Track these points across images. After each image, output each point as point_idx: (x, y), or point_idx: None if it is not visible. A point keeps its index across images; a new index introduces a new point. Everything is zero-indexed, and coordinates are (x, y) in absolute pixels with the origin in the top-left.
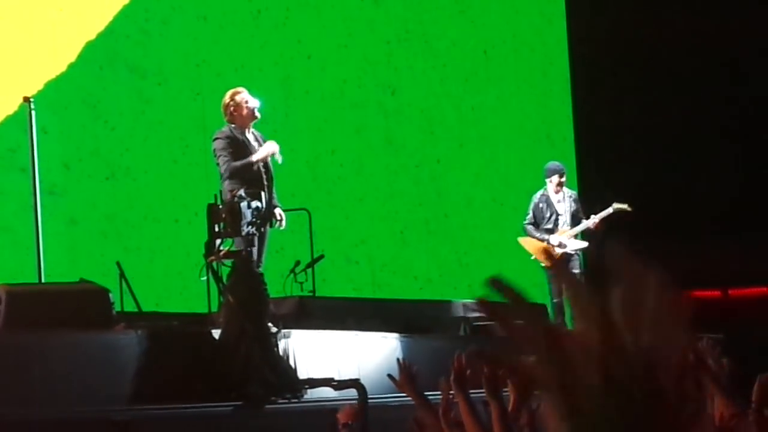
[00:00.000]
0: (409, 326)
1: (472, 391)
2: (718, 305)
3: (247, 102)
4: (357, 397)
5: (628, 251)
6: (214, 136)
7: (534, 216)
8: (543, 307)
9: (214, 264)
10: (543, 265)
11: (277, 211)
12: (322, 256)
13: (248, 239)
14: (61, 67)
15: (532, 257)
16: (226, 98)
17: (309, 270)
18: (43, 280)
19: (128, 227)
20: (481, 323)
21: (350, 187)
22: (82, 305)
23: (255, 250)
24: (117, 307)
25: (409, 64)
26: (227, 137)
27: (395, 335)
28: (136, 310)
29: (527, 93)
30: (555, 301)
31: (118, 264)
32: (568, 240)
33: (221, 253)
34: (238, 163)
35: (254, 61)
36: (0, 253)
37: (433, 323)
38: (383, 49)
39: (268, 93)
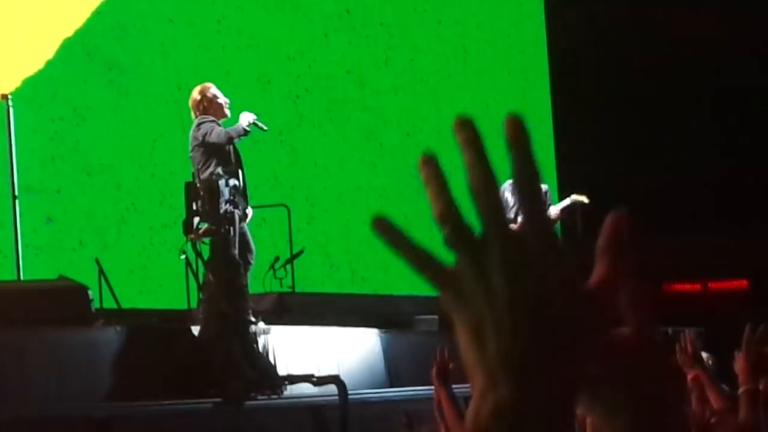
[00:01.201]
0: (389, 322)
1: (455, 385)
2: (697, 298)
3: (217, 97)
4: (337, 393)
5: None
6: (199, 122)
7: None
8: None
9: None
10: None
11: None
12: (301, 252)
13: (227, 217)
14: (38, 64)
15: None
16: (195, 94)
17: (288, 266)
18: (21, 278)
19: (107, 224)
20: None
21: (329, 182)
22: (61, 302)
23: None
24: (96, 304)
25: (388, 61)
26: (212, 121)
27: (375, 331)
28: (115, 307)
29: (505, 88)
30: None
31: (96, 261)
32: None
33: (200, 231)
34: (222, 133)
35: (232, 57)
36: None
37: (411, 318)
38: (362, 45)
39: (246, 89)
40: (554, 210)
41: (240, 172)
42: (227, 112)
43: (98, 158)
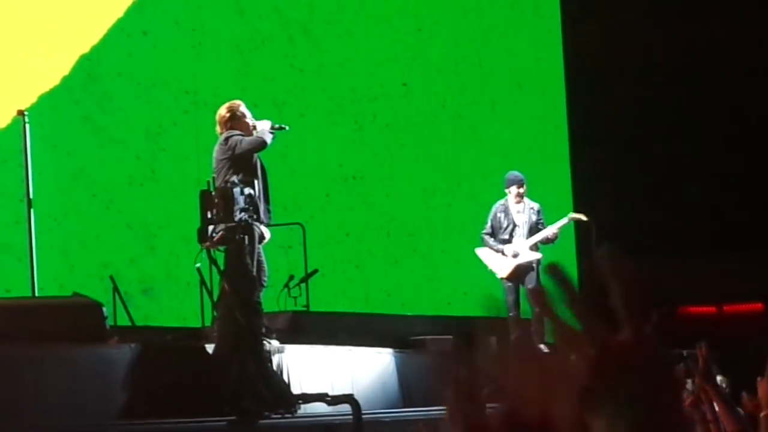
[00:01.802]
0: (403, 341)
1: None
2: (712, 321)
3: (245, 116)
4: (351, 412)
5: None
6: (227, 137)
7: (492, 226)
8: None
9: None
10: (498, 277)
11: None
12: (316, 271)
13: (241, 226)
14: (55, 80)
15: (488, 269)
16: (223, 111)
17: (303, 285)
18: (36, 294)
19: (122, 241)
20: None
21: (344, 201)
22: (75, 319)
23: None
24: (110, 322)
25: (404, 78)
26: (240, 134)
27: (389, 350)
28: (129, 324)
29: (521, 105)
30: (511, 314)
31: (111, 278)
32: (522, 250)
33: (215, 239)
34: (254, 140)
35: (249, 74)
36: None
37: (425, 339)
38: (377, 61)
39: (262, 106)
40: (552, 229)
41: (260, 183)
42: (254, 133)
43: (114, 175)
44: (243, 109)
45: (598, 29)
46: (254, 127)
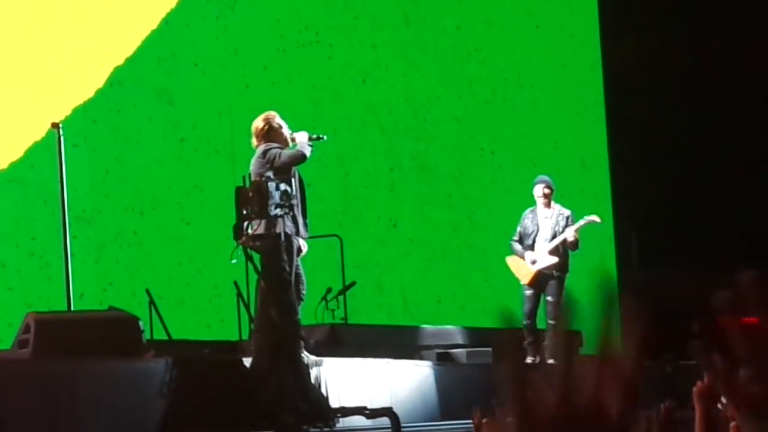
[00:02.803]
0: (442, 354)
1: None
2: (754, 331)
3: (282, 127)
4: (389, 425)
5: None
6: (265, 149)
7: (520, 232)
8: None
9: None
10: (522, 284)
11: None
12: (353, 283)
13: (277, 220)
14: (89, 93)
15: (515, 276)
16: (259, 122)
17: (341, 297)
18: (72, 308)
19: (158, 254)
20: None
21: (382, 213)
22: (112, 333)
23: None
24: (147, 335)
25: (441, 89)
26: (278, 147)
27: (428, 363)
28: (165, 337)
29: (560, 117)
30: (526, 323)
31: (147, 291)
32: (540, 256)
33: (250, 235)
34: (294, 153)
35: (284, 86)
36: (29, 280)
37: (464, 351)
38: (414, 73)
39: (298, 118)
40: (568, 232)
41: (299, 197)
42: (291, 144)
43: (148, 188)
44: (278, 120)
45: (636, 43)
46: (293, 139)
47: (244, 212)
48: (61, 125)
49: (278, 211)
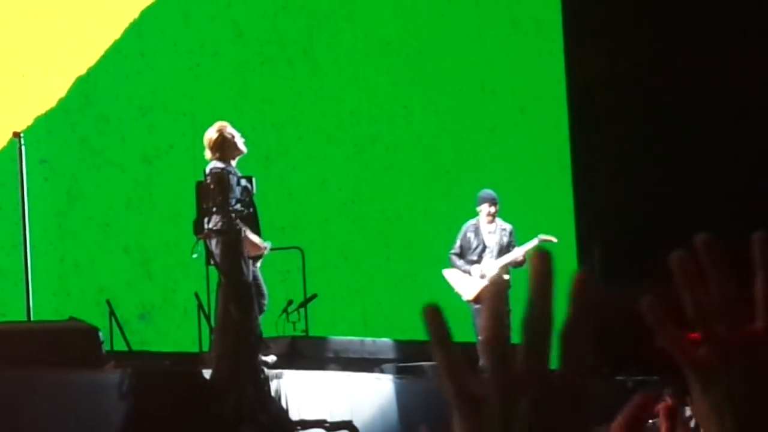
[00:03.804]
0: (402, 368)
1: None
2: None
3: (234, 137)
4: None
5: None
6: (213, 168)
7: (461, 246)
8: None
9: (206, 241)
10: (464, 299)
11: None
12: (315, 296)
13: (237, 214)
14: (51, 102)
15: (454, 290)
16: (213, 132)
17: (302, 309)
18: (32, 318)
19: (118, 265)
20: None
21: (343, 225)
22: (72, 344)
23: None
24: (107, 346)
25: (405, 101)
26: (228, 173)
27: (389, 376)
28: (126, 349)
29: (523, 130)
30: (480, 338)
31: (108, 302)
32: (489, 271)
33: (211, 228)
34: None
35: (247, 96)
36: None
37: (424, 365)
38: (378, 86)
39: (259, 127)
40: (521, 251)
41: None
42: (244, 149)
43: (110, 199)
44: (231, 129)
45: (600, 52)
46: (242, 142)
47: (204, 206)
48: (22, 135)
49: (238, 206)
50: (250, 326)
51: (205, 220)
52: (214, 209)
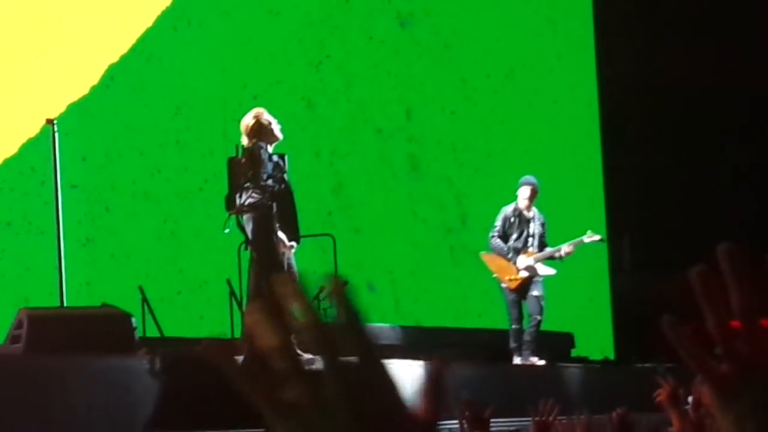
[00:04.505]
0: (434, 354)
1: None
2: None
3: (270, 123)
4: None
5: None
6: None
7: (502, 229)
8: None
9: (238, 217)
10: (503, 286)
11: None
12: (346, 283)
13: (268, 190)
14: (83, 90)
15: (493, 276)
16: (249, 119)
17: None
18: (65, 304)
19: (151, 251)
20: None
21: (374, 213)
22: (104, 330)
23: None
24: (139, 332)
25: (433, 87)
26: (260, 148)
27: (420, 363)
28: (158, 335)
29: (554, 121)
30: (514, 327)
31: (140, 288)
32: (536, 264)
33: (243, 204)
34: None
35: (279, 84)
36: (22, 276)
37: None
38: (405, 71)
39: (292, 117)
40: (569, 247)
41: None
42: (280, 135)
43: (142, 185)
44: (268, 116)
45: (631, 44)
46: (278, 128)
47: (236, 182)
48: (55, 122)
49: (270, 182)
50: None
51: (237, 195)
52: (246, 184)
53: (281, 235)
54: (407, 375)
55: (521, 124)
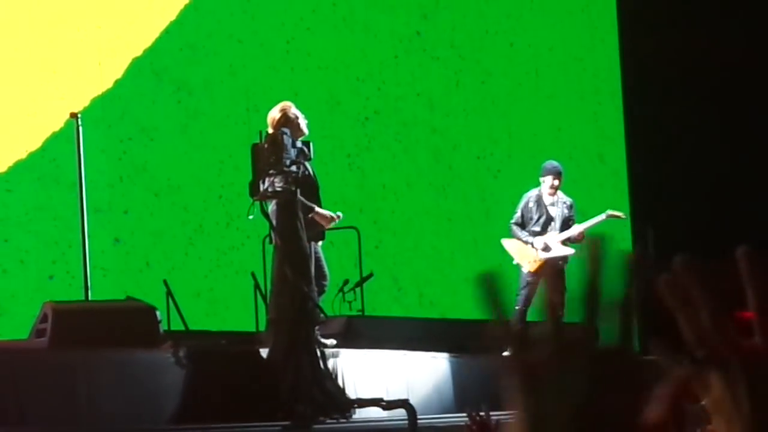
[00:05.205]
0: (458, 346)
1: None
2: None
3: (297, 117)
4: (406, 417)
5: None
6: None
7: (522, 215)
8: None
9: (262, 204)
10: (523, 270)
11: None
12: (371, 275)
13: (292, 176)
14: (107, 84)
15: (514, 261)
16: (276, 112)
17: (358, 289)
18: (90, 298)
19: (174, 245)
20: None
21: (399, 205)
22: (129, 323)
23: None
24: (164, 326)
25: (459, 83)
26: (283, 134)
27: (444, 355)
28: (183, 328)
29: (578, 112)
30: (519, 308)
31: (165, 282)
32: (553, 244)
33: (267, 191)
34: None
35: (301, 78)
36: (46, 270)
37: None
38: (432, 67)
39: (315, 109)
40: (585, 225)
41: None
42: (306, 130)
43: (166, 179)
44: (295, 110)
45: (655, 33)
46: (305, 124)
47: (259, 168)
48: (79, 115)
49: (293, 168)
50: (305, 290)
51: (260, 181)
52: (270, 171)
53: (323, 211)
54: (431, 367)
55: (544, 115)
